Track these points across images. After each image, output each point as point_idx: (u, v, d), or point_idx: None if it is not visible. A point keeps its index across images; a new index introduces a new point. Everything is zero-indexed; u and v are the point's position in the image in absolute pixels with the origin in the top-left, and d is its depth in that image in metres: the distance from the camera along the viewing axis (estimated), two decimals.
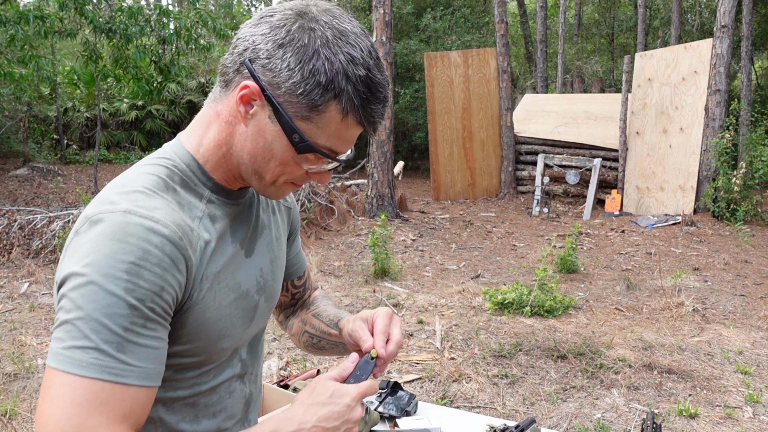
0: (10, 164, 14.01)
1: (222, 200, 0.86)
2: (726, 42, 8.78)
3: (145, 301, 0.71)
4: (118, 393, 0.69)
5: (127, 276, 0.70)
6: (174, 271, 0.73)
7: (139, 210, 0.73)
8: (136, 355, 0.71)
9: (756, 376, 3.52)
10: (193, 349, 0.82)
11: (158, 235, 0.72)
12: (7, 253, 6.29)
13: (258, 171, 0.82)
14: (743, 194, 8.48)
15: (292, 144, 0.78)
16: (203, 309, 0.80)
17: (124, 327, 0.70)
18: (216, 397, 0.89)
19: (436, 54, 10.98)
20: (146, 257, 0.71)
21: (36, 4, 9.27)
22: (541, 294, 4.63)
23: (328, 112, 0.77)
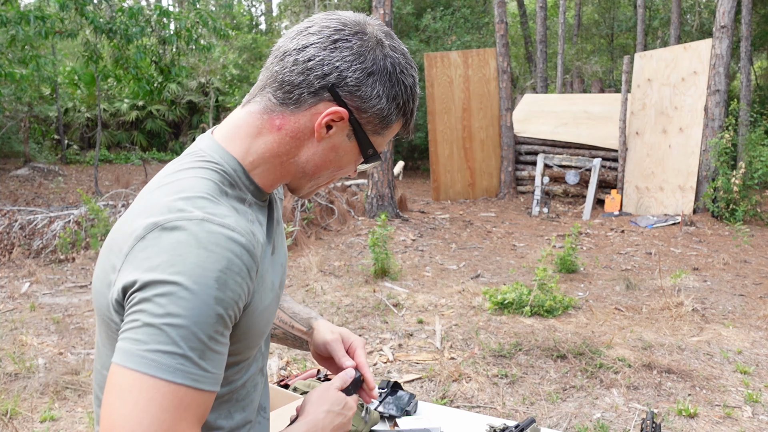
0: (11, 164, 14.01)
1: (258, 204, 0.89)
2: (725, 42, 8.79)
3: (228, 309, 0.73)
4: (197, 398, 0.71)
5: (217, 285, 0.71)
6: (248, 279, 0.76)
7: (213, 218, 0.74)
8: (212, 363, 0.73)
9: (755, 375, 3.52)
10: (238, 348, 0.84)
11: (238, 245, 0.74)
12: (7, 253, 6.29)
13: (316, 177, 0.89)
14: (742, 194, 8.49)
15: (363, 156, 0.88)
16: (252, 312, 0.82)
17: (209, 336, 0.71)
18: (245, 391, 0.92)
19: (436, 54, 10.99)
20: (230, 267, 0.72)
21: (37, 4, 9.28)
22: (540, 294, 4.63)
23: (393, 126, 0.88)
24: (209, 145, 0.87)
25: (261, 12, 24.17)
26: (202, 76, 17.45)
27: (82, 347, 4.01)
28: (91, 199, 7.48)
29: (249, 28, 21.99)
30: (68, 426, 2.96)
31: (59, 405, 3.16)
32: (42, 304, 4.90)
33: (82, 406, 3.16)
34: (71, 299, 5.07)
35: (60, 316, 4.59)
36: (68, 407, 3.14)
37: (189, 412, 0.70)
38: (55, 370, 3.54)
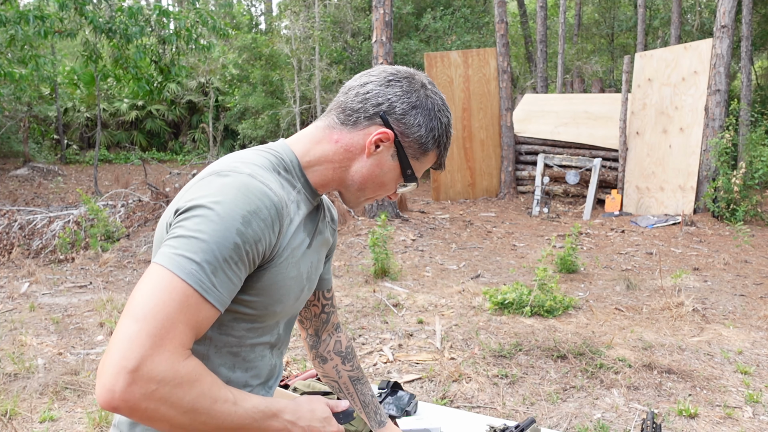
0: (11, 164, 14.01)
1: (307, 197, 1.07)
2: (726, 42, 8.79)
3: (246, 244, 0.89)
4: (200, 304, 0.86)
5: (242, 221, 0.88)
6: (271, 230, 0.93)
7: (259, 176, 0.94)
8: (221, 282, 0.87)
9: (756, 376, 3.52)
10: (256, 303, 0.99)
11: (269, 199, 0.92)
12: (7, 253, 6.29)
13: (363, 189, 1.08)
14: (743, 194, 8.48)
15: (403, 176, 1.08)
16: (277, 272, 0.98)
17: (225, 258, 0.87)
18: (253, 355, 1.06)
19: (436, 54, 10.99)
20: (258, 212, 0.90)
21: (36, 4, 9.27)
22: (541, 294, 4.63)
23: (430, 154, 1.09)
24: (277, 142, 1.10)
25: (261, 12, 24.16)
26: (201, 76, 17.44)
27: (82, 347, 4.00)
28: (91, 199, 7.47)
29: (249, 27, 21.98)
30: (68, 426, 2.95)
31: (59, 405, 3.15)
32: (41, 305, 4.90)
33: (81, 406, 3.15)
34: (71, 299, 5.06)
35: (59, 317, 4.58)
36: (68, 407, 3.13)
37: (190, 312, 0.84)
38: (55, 371, 3.54)
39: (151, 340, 0.80)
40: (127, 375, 0.77)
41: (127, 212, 7.70)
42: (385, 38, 8.56)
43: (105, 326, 4.36)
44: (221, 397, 0.87)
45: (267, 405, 0.93)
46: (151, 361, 0.79)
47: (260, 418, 0.91)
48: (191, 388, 0.83)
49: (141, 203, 8.11)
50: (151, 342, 0.79)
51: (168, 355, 0.81)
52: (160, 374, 0.79)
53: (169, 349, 0.81)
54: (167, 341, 0.81)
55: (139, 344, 0.79)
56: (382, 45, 8.55)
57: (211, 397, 0.85)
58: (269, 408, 0.93)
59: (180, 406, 0.82)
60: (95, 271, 5.97)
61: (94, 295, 5.20)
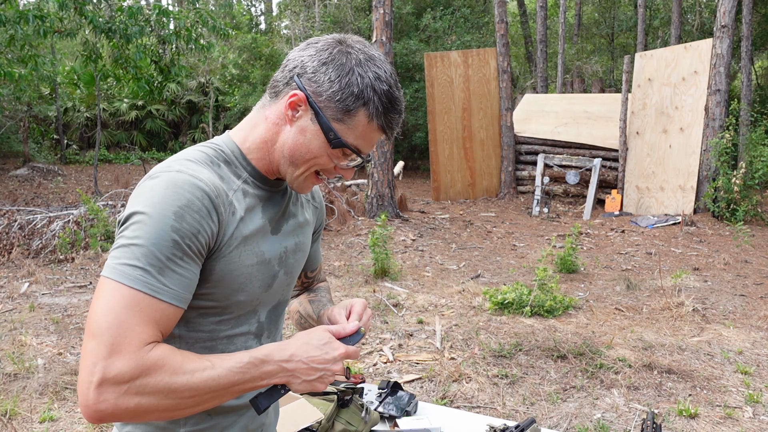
0: (10, 164, 14.01)
1: (257, 184, 1.06)
2: (726, 42, 8.78)
3: (185, 239, 0.90)
4: (153, 304, 0.88)
5: (174, 217, 0.89)
6: (209, 220, 0.93)
7: (187, 170, 0.94)
8: (171, 280, 0.90)
9: (756, 376, 3.51)
10: (215, 295, 0.99)
11: (200, 190, 0.92)
12: (7, 253, 6.28)
13: (294, 162, 1.02)
14: (743, 194, 8.48)
15: (327, 141, 0.99)
16: (229, 262, 0.98)
17: (167, 257, 0.89)
18: (233, 347, 1.06)
19: (436, 54, 10.98)
20: (189, 204, 0.91)
21: (36, 3, 9.27)
22: (541, 294, 4.62)
23: (357, 116, 0.98)
24: (221, 136, 1.09)
25: (260, 12, 24.16)
26: (201, 76, 17.44)
27: (82, 347, 4.00)
28: (91, 199, 7.47)
29: (249, 27, 21.98)
30: (67, 426, 2.95)
31: (58, 405, 3.15)
32: (41, 305, 4.90)
33: None
34: (70, 299, 5.06)
35: (59, 317, 4.58)
36: (67, 407, 3.13)
37: (143, 314, 0.87)
38: (55, 371, 3.54)
39: (108, 349, 0.84)
40: (96, 390, 0.83)
41: None
42: (385, 38, 8.55)
43: None
44: (197, 367, 0.89)
45: (252, 355, 0.93)
46: (112, 367, 0.84)
47: (249, 370, 0.92)
48: (160, 371, 0.86)
49: None
50: (108, 350, 0.84)
51: (129, 356, 0.85)
52: (126, 374, 0.84)
53: (129, 350, 0.85)
54: (125, 345, 0.85)
55: (100, 356, 0.84)
56: (382, 45, 8.55)
57: (185, 371, 0.88)
58: (254, 357, 0.93)
59: (158, 391, 0.86)
60: (95, 271, 5.97)
61: (93, 295, 5.19)
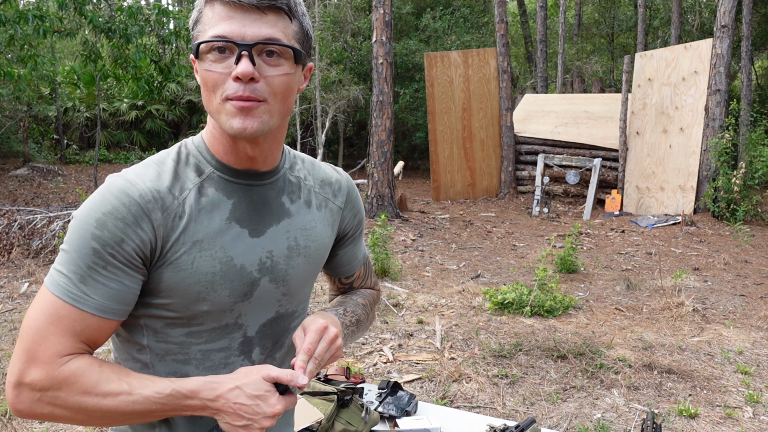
0: (10, 164, 14.01)
1: (224, 178, 0.97)
2: (726, 42, 8.78)
3: (106, 247, 0.86)
4: (73, 314, 0.86)
5: (96, 224, 0.86)
6: (135, 227, 0.87)
7: (125, 175, 0.90)
8: (94, 290, 0.87)
9: (756, 376, 3.51)
10: (173, 305, 0.93)
11: (128, 196, 0.87)
12: (7, 253, 6.28)
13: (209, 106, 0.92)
14: (743, 194, 8.48)
15: (195, 57, 0.90)
16: (177, 270, 0.91)
17: (87, 265, 0.86)
18: (209, 363, 0.98)
19: (436, 54, 10.98)
20: (113, 212, 0.86)
21: (36, 3, 9.27)
22: (541, 294, 4.62)
23: (203, 15, 0.90)
24: None
25: None
26: None
27: None
28: None
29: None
30: (67, 426, 2.95)
31: None
32: None
33: None
34: None
35: None
36: None
37: (62, 323, 0.86)
38: None
39: (26, 355, 0.85)
40: (13, 389, 0.86)
41: None
42: (385, 38, 8.55)
43: None
44: (111, 390, 0.86)
45: (175, 387, 0.88)
46: (27, 374, 0.85)
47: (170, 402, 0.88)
48: (71, 389, 0.86)
49: None
50: (26, 356, 0.85)
51: (42, 366, 0.85)
52: (38, 383, 0.85)
53: (43, 360, 0.85)
54: (40, 353, 0.85)
55: (18, 360, 0.86)
56: (382, 45, 8.55)
57: (97, 393, 0.86)
58: (177, 390, 0.88)
59: (67, 407, 0.86)
60: None
61: None
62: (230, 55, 0.88)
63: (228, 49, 0.87)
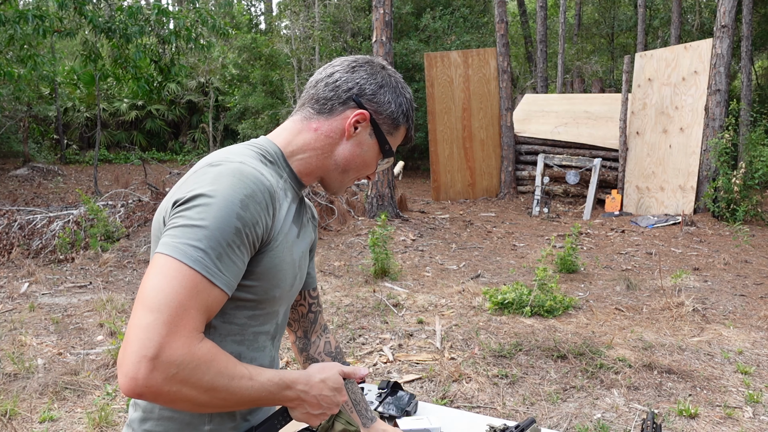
0: (10, 164, 14.01)
1: (292, 186, 1.12)
2: (726, 42, 8.78)
3: (245, 228, 0.93)
4: (208, 288, 0.90)
5: (240, 205, 0.92)
6: (266, 213, 0.97)
7: (249, 163, 1.00)
8: (226, 267, 0.92)
9: (756, 376, 3.51)
10: (256, 288, 1.02)
11: (262, 183, 0.97)
12: (7, 253, 6.28)
13: (347, 170, 1.14)
14: (743, 194, 8.48)
15: (382, 151, 1.15)
16: (274, 256, 1.02)
17: (228, 243, 0.91)
18: (256, 344, 1.09)
19: (436, 54, 10.98)
20: (254, 195, 0.94)
21: (35, 3, 9.27)
22: (541, 294, 4.62)
23: (401, 129, 1.17)
24: (259, 138, 1.15)
25: (260, 11, 24.15)
26: (201, 76, 17.43)
27: (81, 347, 4.00)
28: (91, 199, 7.47)
29: (248, 27, 21.96)
30: (67, 426, 2.95)
31: (58, 405, 3.15)
32: (41, 305, 4.90)
33: (81, 406, 3.15)
34: (70, 299, 5.06)
35: (59, 317, 4.58)
36: (67, 408, 3.13)
37: (200, 297, 0.89)
38: (55, 371, 3.53)
39: (167, 328, 0.85)
40: (148, 362, 0.83)
41: (127, 212, 7.69)
42: (385, 38, 8.55)
43: (104, 326, 4.35)
44: (238, 373, 0.92)
45: (281, 377, 0.99)
46: (169, 347, 0.85)
47: (275, 390, 0.98)
48: (209, 368, 0.88)
49: (141, 203, 8.11)
50: (167, 330, 0.85)
51: (184, 340, 0.86)
52: (178, 358, 0.85)
53: (184, 334, 0.87)
54: (181, 327, 0.86)
55: (156, 333, 0.84)
56: (382, 45, 8.55)
57: (228, 374, 0.91)
58: (283, 380, 0.99)
59: (200, 385, 0.88)
60: (95, 271, 5.96)
61: (93, 295, 5.19)
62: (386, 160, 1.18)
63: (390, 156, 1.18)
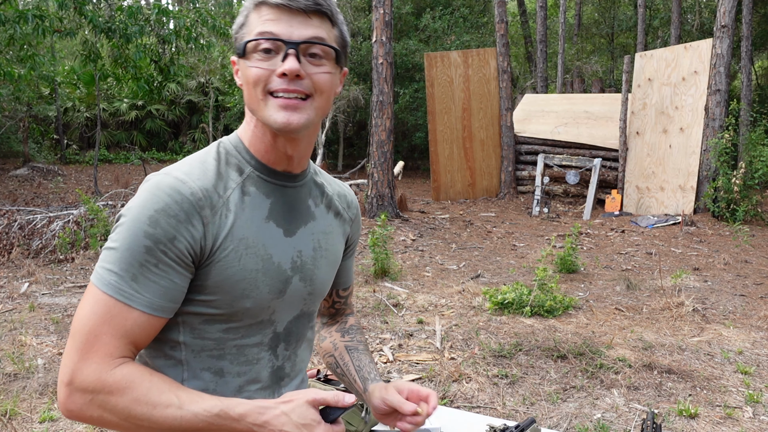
0: (10, 164, 14.01)
1: (263, 177, 1.00)
2: (726, 42, 8.78)
3: (159, 245, 0.87)
4: (124, 311, 0.87)
5: (148, 222, 0.87)
6: (187, 224, 0.89)
7: (172, 173, 0.91)
8: (145, 287, 0.87)
9: (756, 376, 3.51)
10: (217, 302, 0.95)
11: (180, 194, 0.89)
12: (7, 253, 6.28)
13: (252, 103, 0.95)
14: (743, 194, 8.48)
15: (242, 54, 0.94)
16: (225, 266, 0.93)
17: (140, 263, 0.87)
18: (243, 358, 1.00)
19: (436, 54, 10.98)
20: (166, 209, 0.87)
21: (35, 3, 9.27)
22: (541, 294, 4.62)
23: (249, 19, 0.95)
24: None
25: None
26: (201, 76, 17.43)
27: None
28: (91, 199, 7.48)
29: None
30: (67, 426, 2.95)
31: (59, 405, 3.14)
32: (41, 305, 4.90)
33: None
34: (71, 299, 5.06)
35: (59, 317, 4.58)
36: None
37: (114, 322, 0.86)
38: (55, 371, 3.53)
39: (78, 355, 0.85)
40: (65, 388, 0.86)
41: None
42: (385, 38, 8.55)
43: None
44: (162, 401, 0.86)
45: (223, 408, 0.87)
46: (80, 373, 0.85)
47: (216, 422, 0.87)
48: (122, 395, 0.85)
49: None
50: (78, 356, 0.85)
51: (95, 367, 0.85)
52: (90, 385, 0.85)
53: (95, 360, 0.85)
54: (92, 353, 0.85)
55: (70, 359, 0.86)
56: (382, 45, 8.55)
57: (148, 402, 0.86)
58: (226, 411, 0.87)
59: (117, 412, 0.86)
60: None
61: None
62: (276, 55, 0.92)
63: (274, 50, 0.92)
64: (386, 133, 8.72)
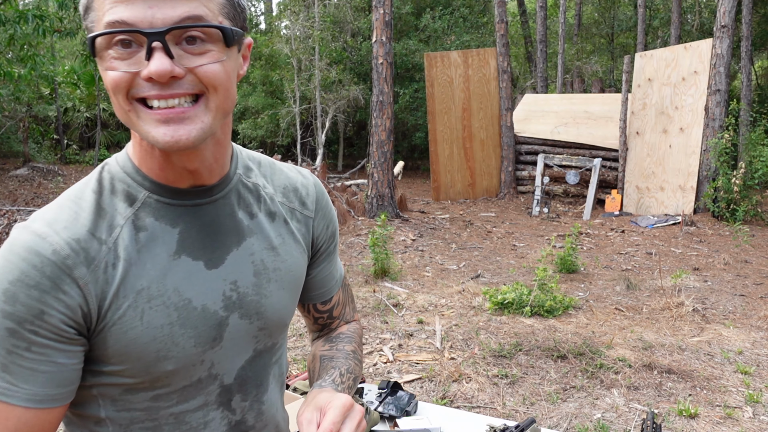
0: (10, 164, 14.01)
1: (163, 202, 0.77)
2: (726, 42, 8.79)
3: (23, 324, 0.68)
4: (5, 410, 0.69)
5: (4, 299, 0.67)
6: (56, 292, 0.69)
7: (33, 225, 0.71)
8: (21, 377, 0.69)
9: (756, 376, 3.51)
10: (129, 371, 0.76)
11: (39, 256, 0.68)
12: None
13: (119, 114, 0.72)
14: (743, 194, 8.49)
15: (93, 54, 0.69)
16: (124, 330, 0.73)
17: (7, 350, 0.68)
18: (185, 426, 0.82)
19: (436, 54, 10.98)
20: (23, 279, 0.67)
21: (35, 3, 9.27)
22: (541, 294, 4.62)
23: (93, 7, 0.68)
24: None
25: (260, 12, 24.17)
26: None
27: None
28: None
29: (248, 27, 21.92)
30: None
31: None
32: None
33: None
34: None
35: None
36: None
37: None
38: None
39: None
40: None
41: None
42: (385, 38, 8.55)
43: None
44: None
45: None
46: None
47: None
48: None
49: None
50: None
51: None
52: None
53: None
54: None
55: None
56: (382, 45, 8.55)
57: None
58: None
59: None
60: None
61: None
62: (138, 48, 0.66)
63: (134, 42, 0.66)
64: (386, 133, 8.72)
